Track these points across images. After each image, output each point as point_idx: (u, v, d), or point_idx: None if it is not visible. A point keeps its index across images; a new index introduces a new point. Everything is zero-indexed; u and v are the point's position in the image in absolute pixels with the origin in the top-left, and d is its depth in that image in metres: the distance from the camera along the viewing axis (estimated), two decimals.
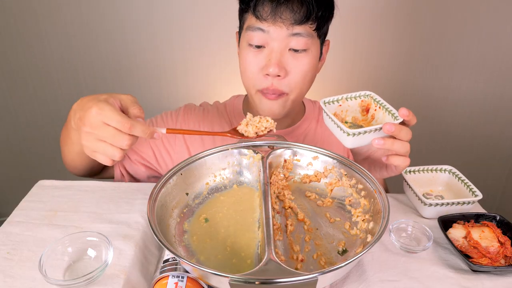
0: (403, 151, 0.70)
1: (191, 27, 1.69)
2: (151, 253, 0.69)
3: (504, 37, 1.69)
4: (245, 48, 0.85)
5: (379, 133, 0.69)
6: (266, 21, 0.79)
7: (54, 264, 0.60)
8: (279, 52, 0.81)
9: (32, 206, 0.76)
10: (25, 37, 1.70)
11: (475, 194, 0.76)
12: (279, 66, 0.81)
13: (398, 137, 0.69)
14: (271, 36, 0.81)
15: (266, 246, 0.54)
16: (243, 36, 0.86)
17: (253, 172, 0.77)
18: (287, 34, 0.80)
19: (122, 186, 0.84)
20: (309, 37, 0.81)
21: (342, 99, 0.78)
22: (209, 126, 0.99)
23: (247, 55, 0.85)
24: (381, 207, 0.62)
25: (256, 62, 0.84)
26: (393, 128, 0.67)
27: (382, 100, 0.75)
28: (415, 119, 0.72)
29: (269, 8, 0.79)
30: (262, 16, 0.79)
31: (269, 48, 0.82)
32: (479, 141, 1.93)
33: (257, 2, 0.80)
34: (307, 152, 0.77)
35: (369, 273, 0.63)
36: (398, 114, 0.69)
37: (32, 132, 1.91)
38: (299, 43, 0.81)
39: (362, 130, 0.68)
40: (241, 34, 0.89)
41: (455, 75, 1.79)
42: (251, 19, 0.82)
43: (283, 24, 0.79)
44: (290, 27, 0.79)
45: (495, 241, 0.67)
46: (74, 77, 1.79)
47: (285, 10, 0.78)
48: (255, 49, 0.83)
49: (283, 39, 0.80)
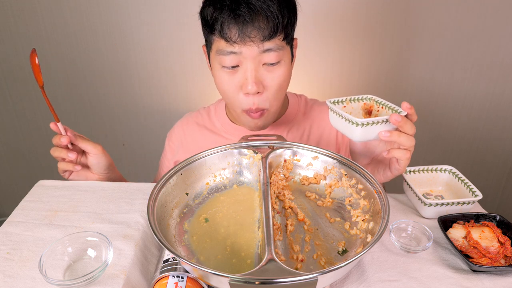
0: (408, 144, 0.72)
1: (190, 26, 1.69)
2: (151, 253, 0.69)
3: (504, 37, 1.69)
4: (219, 70, 0.84)
5: (385, 125, 0.72)
6: (236, 43, 0.79)
7: (54, 264, 0.60)
8: (254, 69, 0.81)
9: (32, 206, 0.76)
10: (25, 37, 1.70)
11: (475, 194, 0.77)
12: (257, 83, 0.82)
13: (403, 130, 0.72)
14: (243, 55, 0.80)
15: (266, 246, 0.54)
16: (214, 58, 0.85)
17: (253, 172, 0.77)
18: (258, 52, 0.80)
19: (122, 186, 0.84)
20: (280, 49, 0.82)
21: (347, 101, 0.80)
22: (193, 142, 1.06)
23: (223, 77, 0.84)
24: (381, 207, 0.62)
25: (233, 82, 0.84)
26: (400, 118, 0.70)
27: (384, 101, 0.77)
28: (416, 116, 0.74)
29: (236, 30, 0.78)
30: (231, 39, 0.79)
31: (243, 67, 0.82)
32: (479, 141, 1.93)
33: (223, 26, 0.78)
34: (307, 152, 0.77)
35: (369, 273, 0.63)
36: (401, 108, 0.72)
37: (32, 132, 1.91)
38: (272, 58, 0.81)
39: (370, 120, 0.70)
40: (210, 53, 0.88)
41: (455, 75, 1.79)
42: (220, 42, 0.81)
43: (253, 43, 0.79)
44: (260, 44, 0.79)
45: (495, 241, 0.67)
46: (74, 77, 1.79)
47: (252, 29, 0.78)
48: (229, 69, 0.83)
49: (256, 56, 0.80)
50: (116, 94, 1.83)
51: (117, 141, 1.95)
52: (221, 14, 0.78)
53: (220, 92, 0.89)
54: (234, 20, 0.77)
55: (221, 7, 0.78)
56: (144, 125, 1.92)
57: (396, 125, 0.71)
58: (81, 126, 1.89)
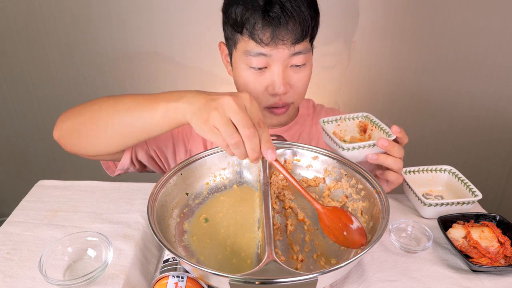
0: (395, 167, 0.74)
1: (190, 27, 1.69)
2: (151, 253, 0.69)
3: (504, 37, 1.69)
4: (244, 70, 0.84)
5: (373, 149, 0.74)
6: (268, 46, 0.79)
7: (54, 264, 0.60)
8: (282, 71, 0.82)
9: (32, 206, 0.76)
10: (25, 37, 1.70)
11: (474, 194, 0.77)
12: (285, 84, 0.83)
13: (391, 153, 0.73)
14: (273, 58, 0.81)
15: (266, 246, 0.54)
16: (239, 58, 0.84)
17: (253, 172, 0.77)
18: (288, 55, 0.81)
19: (122, 186, 0.84)
20: (307, 52, 0.83)
21: (341, 119, 0.83)
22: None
23: (249, 77, 0.84)
24: (381, 207, 0.62)
25: (259, 83, 0.84)
26: (387, 143, 0.71)
27: (378, 121, 0.79)
28: (407, 139, 0.76)
29: (269, 32, 0.77)
30: (263, 41, 0.78)
31: (271, 69, 0.82)
32: (479, 141, 1.93)
33: (255, 27, 0.78)
34: (307, 152, 0.77)
35: (369, 273, 0.63)
36: (391, 131, 0.74)
37: (32, 132, 1.91)
38: (300, 60, 0.82)
39: (356, 145, 0.73)
40: (232, 52, 0.87)
41: (455, 76, 1.78)
42: (248, 43, 0.80)
43: (284, 46, 0.79)
44: (291, 47, 0.79)
45: (495, 241, 0.67)
46: (74, 77, 1.79)
47: (285, 33, 0.78)
48: (256, 70, 0.83)
49: (285, 59, 0.81)
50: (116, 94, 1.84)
51: None
52: (253, 15, 0.77)
53: (242, 90, 0.89)
54: (268, 22, 0.77)
55: (254, 7, 0.77)
56: None
57: (384, 149, 0.72)
58: None
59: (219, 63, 0.97)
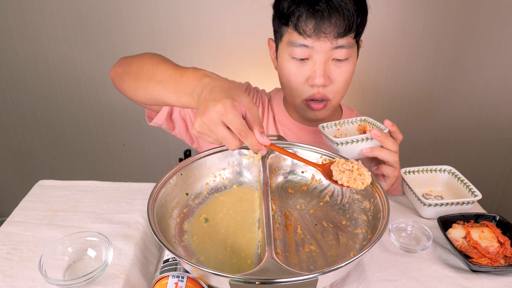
0: (390, 159, 0.77)
1: (191, 28, 1.69)
2: (151, 253, 0.69)
3: (504, 37, 1.69)
4: (287, 61, 0.87)
5: (367, 143, 0.77)
6: (310, 38, 0.81)
7: (54, 264, 0.60)
8: (323, 63, 0.84)
9: (32, 206, 0.76)
10: (25, 37, 1.70)
11: (474, 194, 0.77)
12: (325, 76, 0.84)
13: (385, 145, 0.77)
14: (315, 50, 0.82)
15: (266, 246, 0.54)
16: (283, 50, 0.87)
17: (253, 172, 0.77)
18: (330, 48, 0.82)
19: (122, 186, 0.84)
20: (350, 47, 0.84)
21: (340, 124, 0.87)
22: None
23: (291, 67, 0.86)
24: (381, 207, 0.62)
25: (300, 73, 0.86)
26: (379, 133, 0.75)
27: (376, 122, 0.83)
28: (401, 136, 0.80)
29: (312, 24, 0.80)
30: (305, 33, 0.81)
31: (313, 60, 0.84)
32: (479, 141, 1.93)
33: (299, 19, 0.80)
34: (307, 152, 0.77)
35: (369, 273, 0.63)
36: (384, 125, 0.79)
37: (32, 132, 1.91)
38: (342, 54, 0.83)
39: (349, 139, 0.76)
40: (278, 45, 0.90)
41: (455, 76, 1.79)
42: (293, 34, 0.83)
43: (326, 38, 0.81)
44: (333, 41, 0.81)
45: (494, 241, 0.67)
46: (74, 76, 1.79)
47: (328, 26, 0.80)
48: (298, 61, 0.85)
49: (327, 51, 0.83)
50: (116, 94, 1.83)
51: (117, 141, 1.95)
52: (298, 8, 0.80)
53: (284, 82, 0.91)
54: (312, 14, 0.79)
55: (300, 0, 0.80)
56: (144, 125, 1.92)
57: (377, 139, 0.75)
58: (81, 125, 1.89)
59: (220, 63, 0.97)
